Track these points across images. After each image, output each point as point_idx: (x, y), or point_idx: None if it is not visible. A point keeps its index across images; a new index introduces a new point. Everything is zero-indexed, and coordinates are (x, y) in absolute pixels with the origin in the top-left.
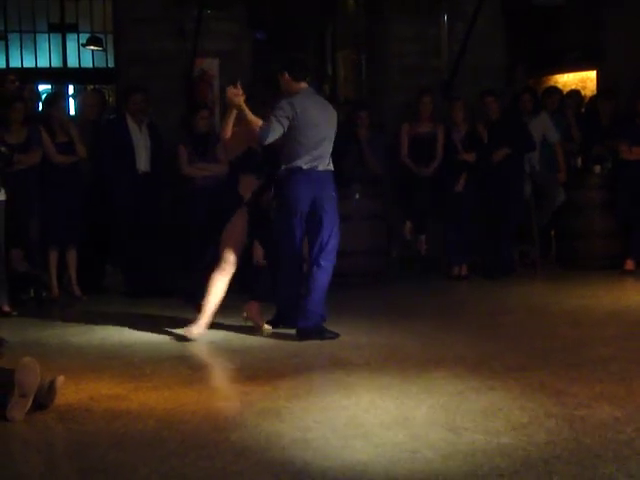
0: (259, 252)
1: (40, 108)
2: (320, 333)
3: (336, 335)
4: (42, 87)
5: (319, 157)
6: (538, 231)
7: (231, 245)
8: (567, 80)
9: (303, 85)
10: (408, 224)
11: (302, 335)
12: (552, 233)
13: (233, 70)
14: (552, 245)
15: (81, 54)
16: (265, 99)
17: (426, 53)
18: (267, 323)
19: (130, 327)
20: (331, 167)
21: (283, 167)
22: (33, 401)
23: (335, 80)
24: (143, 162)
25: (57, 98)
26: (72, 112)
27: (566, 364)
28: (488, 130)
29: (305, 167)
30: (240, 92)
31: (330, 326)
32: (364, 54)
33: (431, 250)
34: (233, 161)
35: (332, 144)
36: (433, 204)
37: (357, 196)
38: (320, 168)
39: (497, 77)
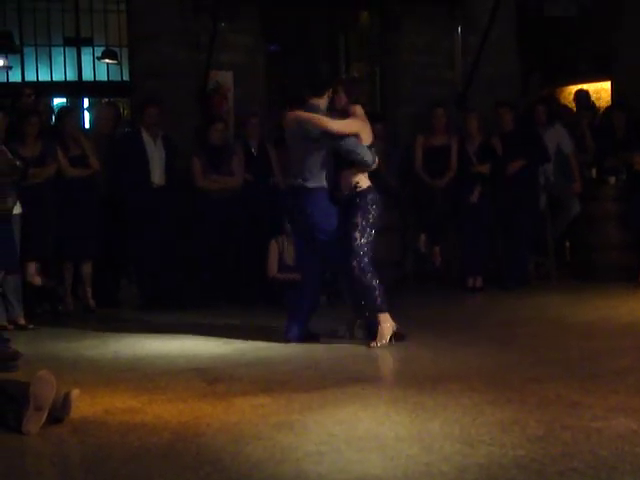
0: (274, 264)
1: (53, 122)
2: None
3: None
4: (57, 101)
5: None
6: (553, 242)
7: None
8: None
9: (314, 101)
10: (423, 236)
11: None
12: (567, 244)
13: (247, 82)
14: (567, 256)
15: (96, 67)
16: None
17: (440, 65)
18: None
19: (144, 339)
20: (303, 183)
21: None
22: (48, 414)
23: None
24: (158, 175)
25: (70, 112)
26: (87, 125)
27: (582, 376)
28: (502, 141)
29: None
30: None
31: (344, 338)
32: (378, 66)
33: (446, 262)
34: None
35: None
36: (448, 216)
37: None
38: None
39: (511, 88)
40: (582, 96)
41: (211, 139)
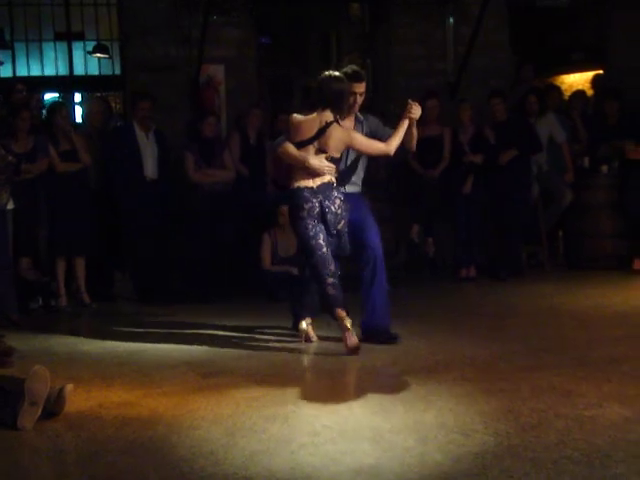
0: (267, 257)
1: (44, 117)
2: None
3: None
4: (49, 95)
5: None
6: (546, 232)
7: None
8: (574, 80)
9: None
10: (415, 227)
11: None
12: (560, 233)
13: (239, 76)
14: (560, 245)
15: (87, 62)
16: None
17: (432, 56)
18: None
19: (139, 334)
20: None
21: None
22: (43, 409)
23: None
24: (150, 169)
25: (59, 106)
26: (79, 120)
27: (575, 364)
28: (495, 131)
29: None
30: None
31: (336, 330)
32: (369, 58)
33: (439, 252)
34: None
35: None
36: (440, 206)
37: None
38: None
39: (503, 78)
40: (578, 95)
41: (203, 132)
